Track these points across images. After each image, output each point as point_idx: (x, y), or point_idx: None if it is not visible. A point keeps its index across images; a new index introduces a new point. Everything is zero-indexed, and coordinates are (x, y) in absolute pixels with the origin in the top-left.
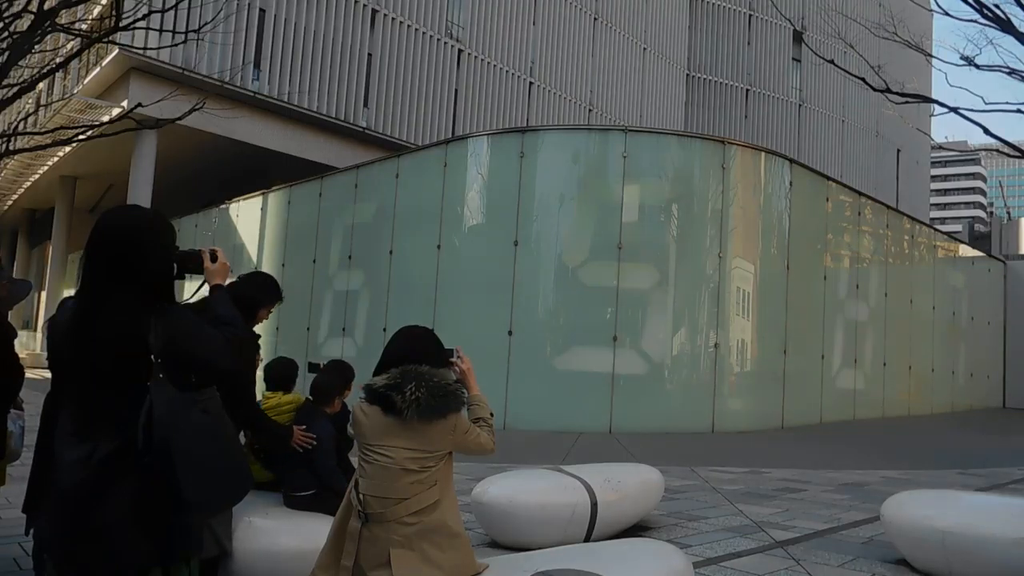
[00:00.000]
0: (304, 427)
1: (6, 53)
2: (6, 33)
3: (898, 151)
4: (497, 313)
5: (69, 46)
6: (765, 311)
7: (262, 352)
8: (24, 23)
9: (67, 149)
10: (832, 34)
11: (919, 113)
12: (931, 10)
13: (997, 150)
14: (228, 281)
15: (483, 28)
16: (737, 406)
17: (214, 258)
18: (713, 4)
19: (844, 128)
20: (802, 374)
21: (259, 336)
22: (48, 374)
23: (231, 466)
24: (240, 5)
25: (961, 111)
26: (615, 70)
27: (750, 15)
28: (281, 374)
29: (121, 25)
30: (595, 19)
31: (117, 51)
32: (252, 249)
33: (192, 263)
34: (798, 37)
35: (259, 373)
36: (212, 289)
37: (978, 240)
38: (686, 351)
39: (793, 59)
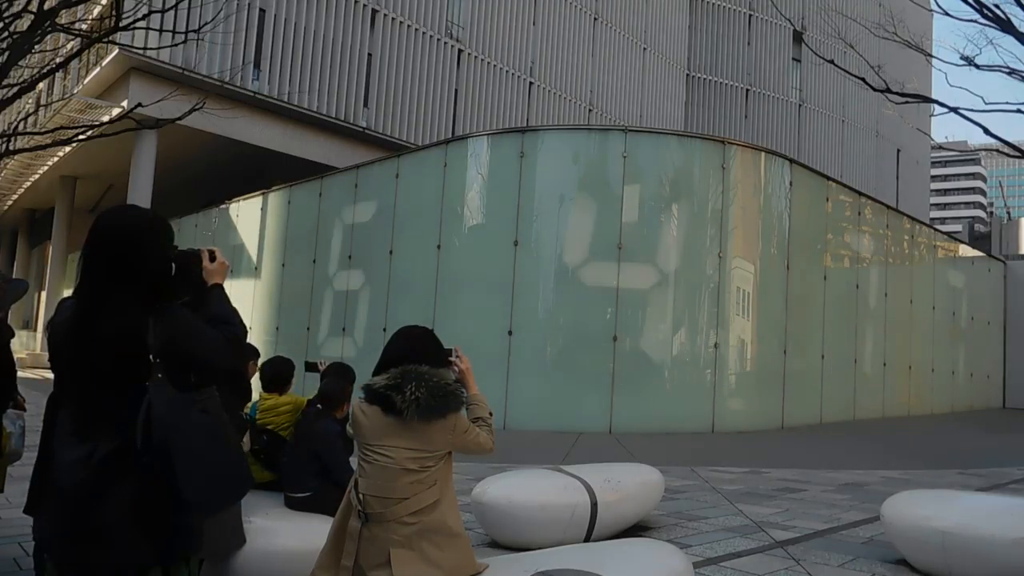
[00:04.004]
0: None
1: (6, 53)
2: (6, 33)
3: (898, 151)
4: (497, 313)
5: (69, 46)
6: (765, 311)
7: (262, 353)
8: (24, 23)
9: (67, 149)
10: (832, 34)
11: (919, 113)
12: (931, 10)
13: (997, 150)
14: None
15: (483, 28)
16: (737, 406)
17: (212, 258)
18: (713, 4)
19: (844, 128)
20: (802, 374)
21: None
22: (49, 374)
23: (231, 466)
24: (240, 5)
25: (961, 111)
26: (615, 70)
27: (750, 15)
28: (274, 375)
29: (121, 25)
30: (595, 19)
31: (117, 51)
32: (252, 249)
33: (190, 263)
34: (798, 37)
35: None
36: (210, 288)
37: (978, 240)
38: (686, 351)
39: (793, 59)
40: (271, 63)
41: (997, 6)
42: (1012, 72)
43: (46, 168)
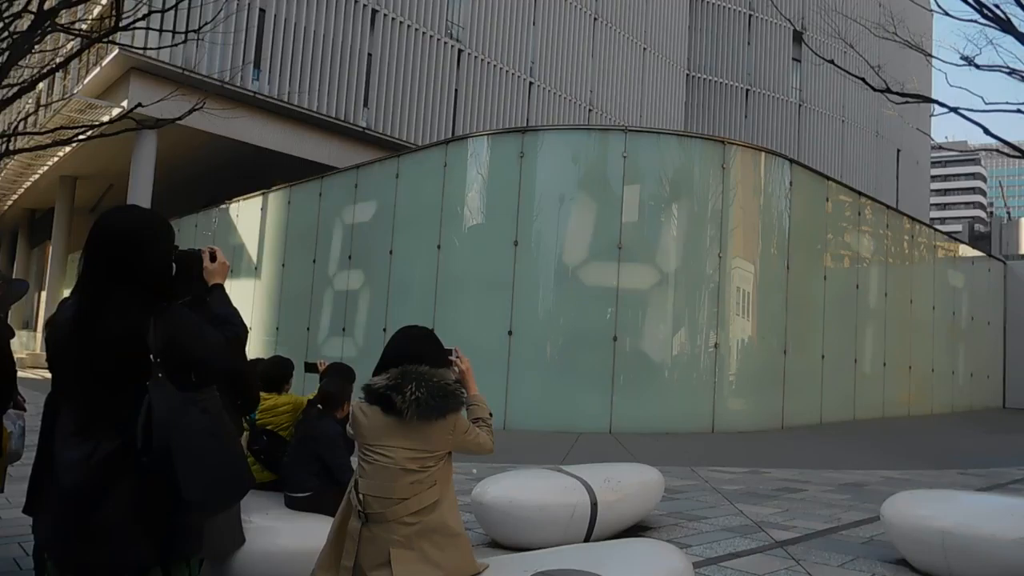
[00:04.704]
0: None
1: (6, 53)
2: (6, 33)
3: (898, 151)
4: (497, 313)
5: (69, 46)
6: (765, 311)
7: (262, 352)
8: (24, 23)
9: (67, 149)
10: (832, 34)
11: (919, 113)
12: (931, 10)
13: (997, 150)
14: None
15: (483, 28)
16: (737, 406)
17: (213, 258)
18: (713, 4)
19: (844, 128)
20: (802, 374)
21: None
22: (48, 374)
23: (231, 466)
24: (240, 5)
25: (961, 111)
26: (615, 70)
27: (750, 15)
28: (273, 375)
29: (121, 25)
30: (595, 19)
31: (117, 51)
32: (252, 249)
33: (192, 263)
34: (798, 37)
35: None
36: (211, 288)
37: (978, 240)
38: (686, 351)
39: (793, 59)
40: (271, 63)
41: (997, 6)
42: (1012, 72)
43: (46, 168)
